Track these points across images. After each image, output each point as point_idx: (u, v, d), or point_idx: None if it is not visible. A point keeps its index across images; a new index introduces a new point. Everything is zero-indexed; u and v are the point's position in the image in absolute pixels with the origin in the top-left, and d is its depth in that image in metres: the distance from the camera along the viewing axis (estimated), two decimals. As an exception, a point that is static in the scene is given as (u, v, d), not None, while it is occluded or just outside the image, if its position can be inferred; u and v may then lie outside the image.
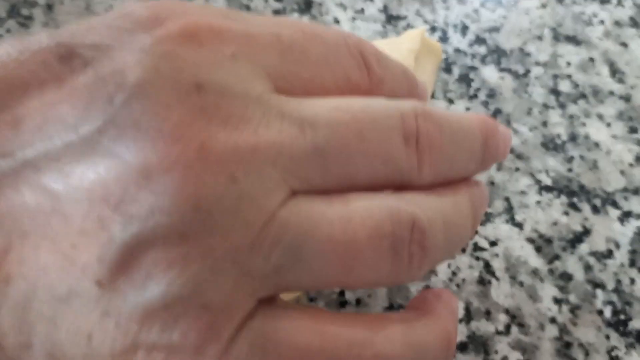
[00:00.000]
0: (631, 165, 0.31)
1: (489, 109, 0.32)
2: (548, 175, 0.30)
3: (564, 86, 0.34)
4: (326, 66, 0.16)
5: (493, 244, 0.28)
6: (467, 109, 0.32)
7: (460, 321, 0.26)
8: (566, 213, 0.29)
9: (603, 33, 0.36)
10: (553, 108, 0.33)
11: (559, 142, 0.31)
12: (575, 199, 0.30)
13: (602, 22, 0.36)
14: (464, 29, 0.35)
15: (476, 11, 0.36)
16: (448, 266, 0.27)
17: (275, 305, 0.15)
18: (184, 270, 0.13)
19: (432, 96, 0.33)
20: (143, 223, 0.13)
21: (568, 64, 0.34)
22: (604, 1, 0.37)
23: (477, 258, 0.27)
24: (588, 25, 0.36)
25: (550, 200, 0.30)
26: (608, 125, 0.32)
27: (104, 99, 0.13)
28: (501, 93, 0.33)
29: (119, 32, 0.14)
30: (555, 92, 0.33)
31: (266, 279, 0.14)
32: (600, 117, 0.33)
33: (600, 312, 0.27)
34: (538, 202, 0.29)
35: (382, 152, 0.16)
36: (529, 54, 0.34)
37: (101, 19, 0.15)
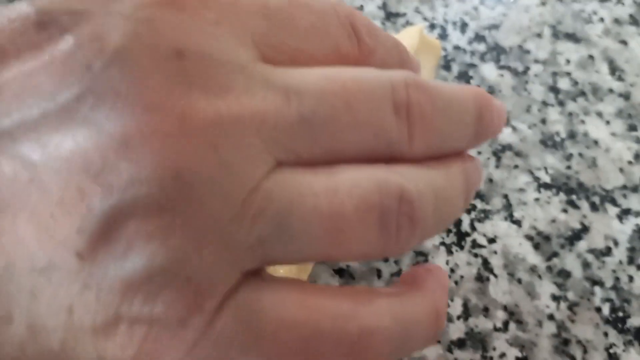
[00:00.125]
0: (630, 163, 0.31)
1: (488, 107, 0.32)
2: (547, 172, 0.30)
3: (563, 84, 0.34)
4: (314, 35, 0.16)
5: (491, 241, 0.28)
6: (466, 106, 0.32)
7: (458, 318, 0.26)
8: (565, 210, 0.29)
9: (603, 31, 0.36)
10: (552, 105, 0.33)
11: (558, 140, 0.31)
12: (574, 197, 0.30)
13: (602, 20, 0.36)
14: (463, 27, 0.35)
15: (475, 8, 0.36)
16: (446, 263, 0.27)
17: (260, 278, 0.14)
18: (166, 241, 0.13)
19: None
20: (123, 193, 0.12)
21: (567, 62, 0.34)
22: (604, -1, 0.37)
23: (476, 255, 0.27)
24: (588, 22, 0.36)
25: (549, 197, 0.30)
26: (607, 123, 0.32)
27: (82, 66, 0.13)
28: (500, 90, 0.33)
29: None
30: (554, 90, 0.33)
31: (250, 252, 0.14)
32: (599, 115, 0.33)
33: (598, 310, 0.27)
34: (537, 200, 0.29)
35: (371, 123, 0.15)
36: (529, 52, 0.34)
37: None
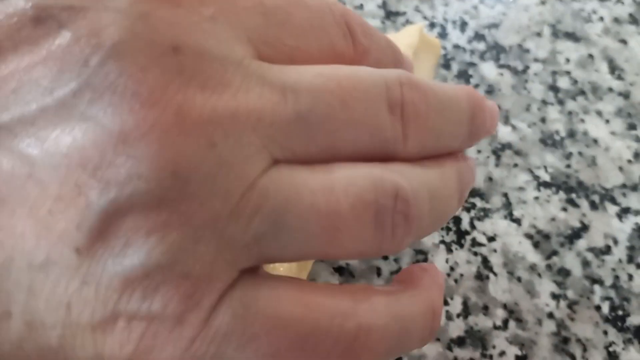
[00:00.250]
0: (630, 161, 0.31)
1: (488, 105, 0.32)
2: (546, 171, 0.30)
3: (563, 83, 0.34)
4: (310, 33, 0.16)
5: (491, 240, 0.28)
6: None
7: (458, 316, 0.26)
8: (564, 209, 0.29)
9: (602, 30, 0.36)
10: (552, 104, 0.33)
11: (558, 139, 0.31)
12: (573, 195, 0.30)
13: (602, 19, 0.36)
14: (463, 25, 0.35)
15: (475, 7, 0.36)
16: (446, 261, 0.27)
17: (257, 275, 0.14)
18: (164, 238, 0.13)
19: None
20: (121, 189, 0.12)
21: (567, 61, 0.34)
22: (603, -2, 0.37)
23: (475, 253, 0.27)
24: (587, 22, 0.36)
25: (548, 196, 0.30)
26: (607, 121, 0.32)
27: (80, 61, 0.13)
28: (500, 89, 0.33)
29: None
30: (554, 89, 0.33)
31: (247, 249, 0.14)
32: (599, 114, 0.33)
33: (598, 308, 0.27)
34: (536, 198, 0.29)
35: (366, 121, 0.15)
36: (528, 51, 0.34)
37: None
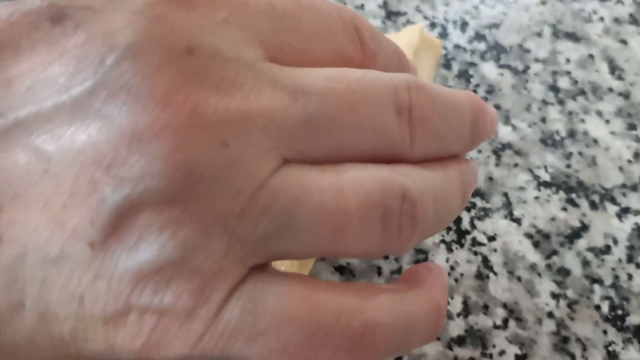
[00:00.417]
0: (630, 161, 0.31)
1: (488, 105, 0.32)
2: (547, 171, 0.30)
3: (563, 83, 0.34)
4: (320, 38, 0.16)
5: (491, 239, 0.28)
6: (466, 105, 0.32)
7: (458, 315, 0.26)
8: (564, 209, 0.29)
9: (602, 30, 0.36)
10: (552, 104, 0.33)
11: (558, 138, 0.32)
12: (573, 195, 0.30)
13: (602, 19, 0.36)
14: (464, 25, 0.35)
15: (476, 7, 0.36)
16: (446, 260, 0.27)
17: (267, 272, 0.15)
18: (176, 234, 0.13)
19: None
20: (134, 186, 0.13)
21: (567, 61, 0.34)
22: (604, -2, 0.37)
23: (476, 253, 0.28)
24: (587, 22, 0.36)
25: (548, 196, 0.30)
26: (607, 121, 0.32)
27: (95, 61, 0.13)
28: (500, 89, 0.33)
29: None
30: (554, 89, 0.33)
31: (257, 246, 0.14)
32: (599, 114, 0.33)
33: (597, 307, 0.27)
34: (536, 198, 0.29)
35: (375, 123, 0.15)
36: (529, 51, 0.35)
37: None
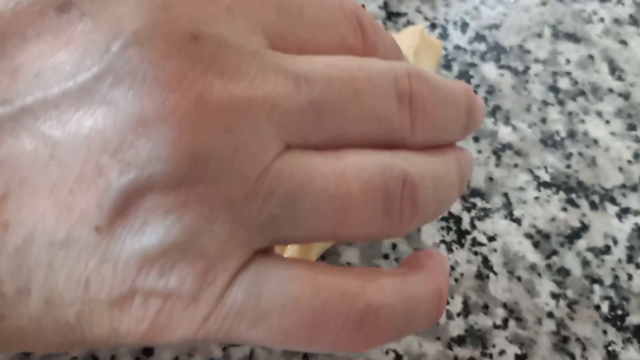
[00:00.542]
0: (629, 162, 0.31)
1: (489, 106, 0.32)
2: (547, 171, 0.30)
3: (563, 83, 0.34)
4: (322, 27, 0.16)
5: (491, 239, 0.28)
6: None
7: (458, 315, 0.26)
8: (564, 209, 0.29)
9: (602, 31, 0.36)
10: (552, 105, 0.33)
11: (558, 139, 0.32)
12: (573, 195, 0.30)
13: (602, 20, 0.36)
14: (464, 26, 0.35)
15: (476, 8, 0.36)
16: (446, 261, 0.27)
17: (270, 256, 0.15)
18: (181, 217, 0.13)
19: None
20: (140, 170, 0.13)
21: (567, 62, 0.35)
22: (604, -1, 0.37)
23: (476, 253, 0.28)
24: (588, 22, 0.36)
25: (548, 196, 0.30)
26: (607, 122, 0.33)
27: (101, 47, 0.13)
28: (500, 90, 0.33)
29: None
30: (554, 89, 0.33)
31: (261, 230, 0.14)
32: (599, 114, 0.33)
33: (597, 307, 0.27)
34: (536, 198, 0.30)
35: (376, 110, 0.16)
36: (529, 51, 0.35)
37: None
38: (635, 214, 0.30)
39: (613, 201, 0.30)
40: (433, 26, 0.35)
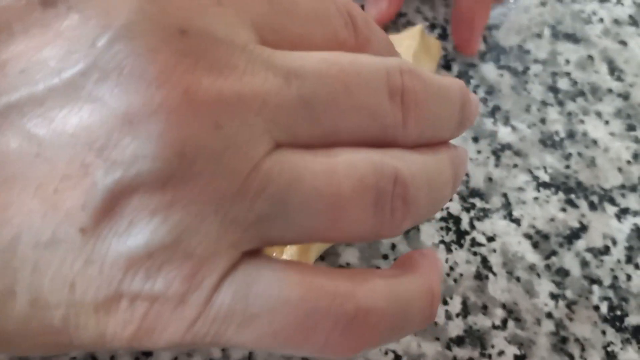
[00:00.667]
0: (629, 162, 0.31)
1: (488, 106, 0.32)
2: (546, 171, 0.31)
3: (563, 84, 0.34)
4: (314, 22, 0.16)
5: (490, 240, 0.28)
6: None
7: (457, 315, 0.26)
8: (563, 209, 0.29)
9: (602, 31, 0.36)
10: (551, 105, 0.33)
11: (557, 139, 0.32)
12: (572, 196, 0.30)
13: (602, 20, 0.36)
14: (464, 26, 0.35)
15: (476, 8, 0.36)
16: (445, 261, 0.27)
17: (259, 257, 0.14)
18: (168, 217, 0.13)
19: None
20: (126, 169, 0.13)
21: (567, 62, 0.35)
22: (604, 0, 0.37)
23: (475, 253, 0.28)
24: (587, 23, 0.36)
25: (547, 196, 0.30)
26: (606, 122, 0.33)
27: (87, 42, 0.13)
28: (500, 90, 0.33)
29: None
30: (553, 90, 0.33)
31: (250, 230, 0.14)
32: (598, 115, 0.33)
33: (596, 308, 0.27)
34: (536, 199, 0.30)
35: (368, 106, 0.15)
36: (528, 52, 0.35)
37: None
38: (634, 215, 0.30)
39: (612, 202, 0.30)
40: (433, 26, 0.35)
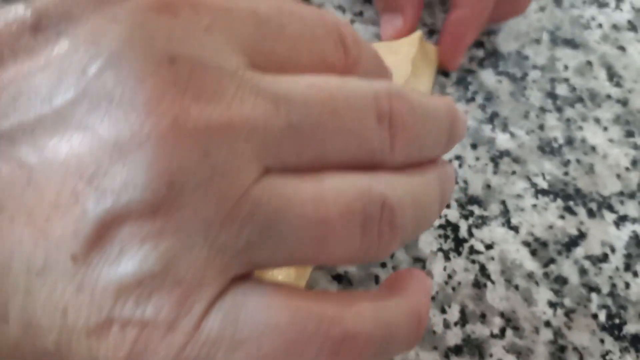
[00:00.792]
0: (627, 169, 0.31)
1: (486, 112, 0.32)
2: (544, 178, 0.30)
3: (561, 90, 0.34)
4: (303, 43, 0.16)
5: (489, 247, 0.28)
6: (465, 112, 0.32)
7: (455, 324, 0.26)
8: (562, 217, 0.29)
9: (601, 37, 0.36)
10: (550, 111, 0.33)
11: (556, 146, 0.32)
12: (571, 203, 0.30)
13: (600, 26, 0.36)
14: (462, 32, 0.35)
15: (474, 14, 0.36)
16: (444, 269, 0.27)
17: (248, 282, 0.15)
18: (157, 245, 0.13)
19: (430, 99, 0.33)
20: (116, 198, 0.13)
21: (565, 68, 0.35)
22: (602, 5, 0.37)
23: (473, 261, 0.28)
24: (586, 28, 0.36)
25: (546, 203, 0.30)
26: (605, 129, 0.33)
27: (77, 70, 0.13)
28: (498, 96, 0.33)
29: (94, 2, 0.14)
30: (552, 96, 0.33)
31: (238, 255, 0.14)
32: (597, 121, 0.33)
33: (595, 316, 0.27)
34: (534, 206, 0.30)
35: (356, 131, 0.16)
36: (527, 57, 0.35)
37: None
38: (632, 222, 0.30)
39: (611, 209, 0.30)
40: (431, 32, 0.35)
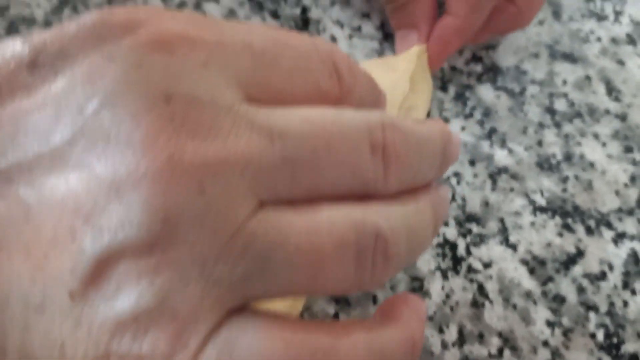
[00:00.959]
0: (626, 185, 0.31)
1: (485, 128, 0.32)
2: (542, 195, 0.30)
3: (560, 105, 0.34)
4: (297, 74, 0.17)
5: (487, 266, 0.28)
6: (463, 128, 0.32)
7: (453, 345, 0.26)
8: (560, 234, 0.29)
9: (600, 51, 0.36)
10: (548, 127, 0.33)
11: (554, 162, 0.32)
12: (569, 220, 0.30)
13: (599, 40, 0.36)
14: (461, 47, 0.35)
15: (473, 28, 0.36)
16: (442, 288, 0.27)
17: (244, 314, 0.15)
18: (153, 281, 0.13)
19: (428, 115, 0.33)
20: (113, 235, 0.13)
21: (564, 83, 0.34)
22: (601, 18, 0.37)
23: (471, 280, 0.28)
24: (585, 42, 0.36)
25: (544, 221, 0.30)
26: (603, 144, 0.32)
27: (74, 109, 0.14)
28: (497, 112, 0.33)
29: (91, 40, 0.14)
30: (550, 111, 0.33)
31: (234, 289, 0.14)
32: (595, 137, 0.33)
33: (592, 335, 0.27)
34: (532, 223, 0.30)
35: (350, 163, 0.16)
36: (525, 72, 0.35)
37: (75, 25, 0.15)
38: (631, 239, 0.30)
39: (609, 226, 0.30)
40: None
